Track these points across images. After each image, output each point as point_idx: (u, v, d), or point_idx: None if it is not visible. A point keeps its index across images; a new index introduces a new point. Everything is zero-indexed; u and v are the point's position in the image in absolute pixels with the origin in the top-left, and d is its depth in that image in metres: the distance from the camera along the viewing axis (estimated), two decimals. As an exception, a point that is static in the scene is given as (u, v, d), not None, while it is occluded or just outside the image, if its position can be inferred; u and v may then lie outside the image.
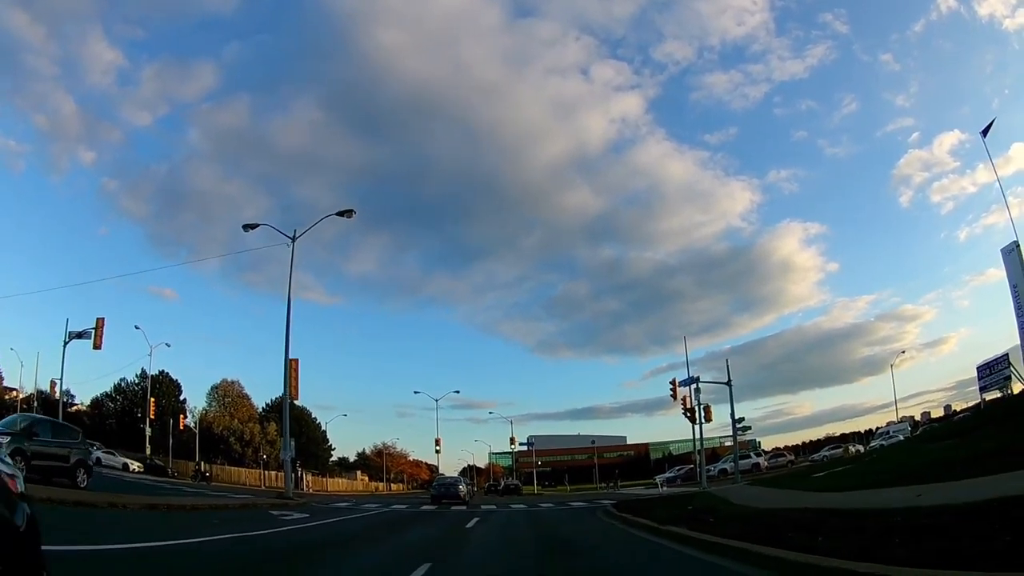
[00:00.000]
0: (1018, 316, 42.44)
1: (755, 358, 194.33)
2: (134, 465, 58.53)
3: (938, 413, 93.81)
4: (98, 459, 51.15)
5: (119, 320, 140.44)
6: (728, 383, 49.06)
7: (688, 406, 60.76)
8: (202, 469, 70.89)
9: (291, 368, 42.82)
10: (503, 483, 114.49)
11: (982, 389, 61.36)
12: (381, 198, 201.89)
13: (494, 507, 39.33)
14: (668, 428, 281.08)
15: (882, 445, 62.28)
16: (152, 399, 79.77)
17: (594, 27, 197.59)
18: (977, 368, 63.90)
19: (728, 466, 69.91)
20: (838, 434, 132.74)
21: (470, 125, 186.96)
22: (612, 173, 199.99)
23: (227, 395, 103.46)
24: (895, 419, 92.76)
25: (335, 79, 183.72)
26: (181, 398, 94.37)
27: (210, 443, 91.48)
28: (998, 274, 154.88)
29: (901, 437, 65.15)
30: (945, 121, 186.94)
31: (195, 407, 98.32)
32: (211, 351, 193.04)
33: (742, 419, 49.53)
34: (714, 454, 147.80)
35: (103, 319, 53.28)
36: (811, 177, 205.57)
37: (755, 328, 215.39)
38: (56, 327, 74.66)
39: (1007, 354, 53.16)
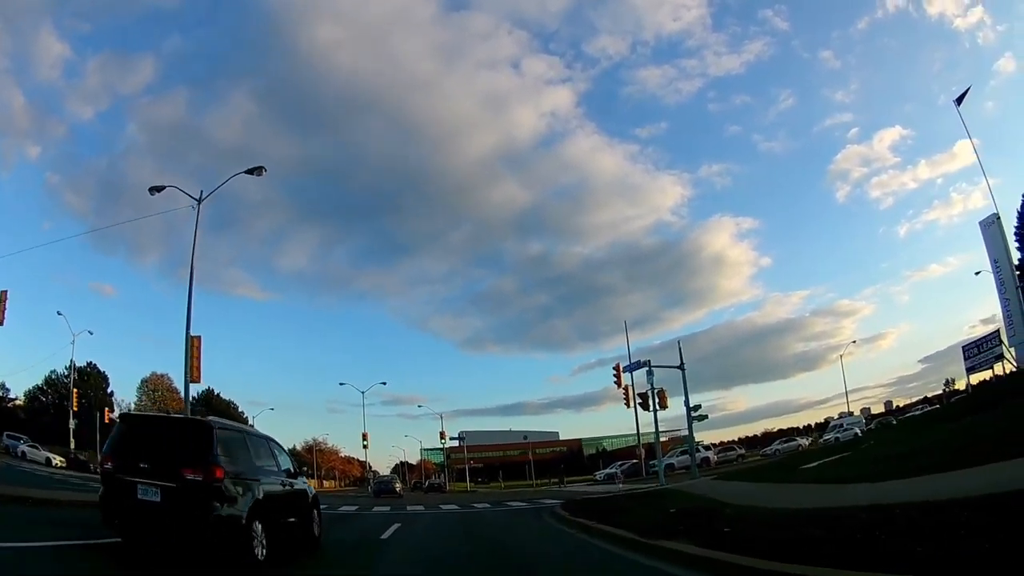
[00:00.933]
0: (1000, 291, 38.47)
1: (687, 353, 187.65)
2: (57, 460, 54.50)
3: (878, 409, 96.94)
4: (23, 453, 52.54)
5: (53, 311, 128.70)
6: (681, 367, 43.86)
7: (629, 395, 56.81)
8: None
9: (192, 346, 36.46)
10: (427, 482, 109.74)
11: (969, 370, 59.29)
12: (313, 192, 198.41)
13: (421, 508, 33.79)
14: (599, 424, 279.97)
15: (837, 439, 60.32)
16: (76, 390, 73.28)
17: (528, 21, 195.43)
18: (963, 348, 61.49)
19: (675, 460, 65.80)
20: (775, 429, 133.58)
21: (402, 119, 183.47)
22: (541, 167, 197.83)
23: (156, 389, 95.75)
24: (845, 412, 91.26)
25: (270, 73, 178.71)
26: (109, 391, 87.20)
27: None
28: (940, 270, 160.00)
29: (857, 430, 63.99)
30: (886, 118, 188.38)
31: (123, 400, 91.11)
32: (147, 347, 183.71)
33: (698, 407, 44.15)
34: (651, 450, 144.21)
35: (6, 292, 45.72)
36: (745, 172, 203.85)
37: (686, 323, 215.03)
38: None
39: (998, 331, 49.73)
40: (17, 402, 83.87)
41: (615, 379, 52.22)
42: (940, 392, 79.67)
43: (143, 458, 10.48)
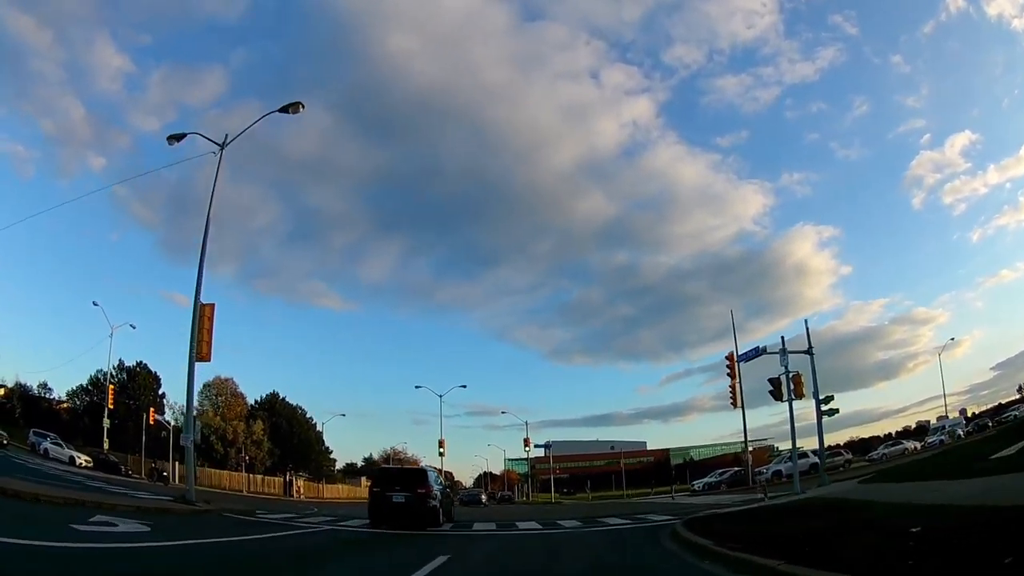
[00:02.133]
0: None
1: (769, 363, 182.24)
2: (82, 460, 50.66)
3: (953, 415, 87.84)
4: (46, 450, 50.45)
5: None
6: (809, 351, 34.27)
7: (736, 394, 51.22)
8: (158, 468, 58.45)
9: (203, 316, 28.98)
10: (499, 493, 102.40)
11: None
12: (392, 202, 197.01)
13: (492, 526, 25.17)
14: (686, 434, 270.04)
15: (942, 440, 57.80)
16: (112, 387, 67.48)
17: (603, 30, 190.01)
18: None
19: (783, 467, 56.08)
20: (857, 438, 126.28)
21: (481, 129, 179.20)
22: (624, 177, 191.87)
23: (220, 393, 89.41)
24: (943, 416, 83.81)
25: (344, 83, 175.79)
26: (160, 392, 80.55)
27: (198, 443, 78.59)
28: (1011, 275, 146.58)
29: (960, 431, 61.94)
30: (956, 122, 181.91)
31: (176, 403, 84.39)
32: (221, 356, 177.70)
33: (830, 398, 34.27)
34: (736, 460, 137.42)
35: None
36: (823, 180, 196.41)
37: (770, 332, 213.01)
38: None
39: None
40: (63, 404, 78.56)
41: (728, 370, 43.66)
42: (1016, 397, 76.11)
43: (395, 484, 23.97)
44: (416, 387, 77.01)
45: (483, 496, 72.84)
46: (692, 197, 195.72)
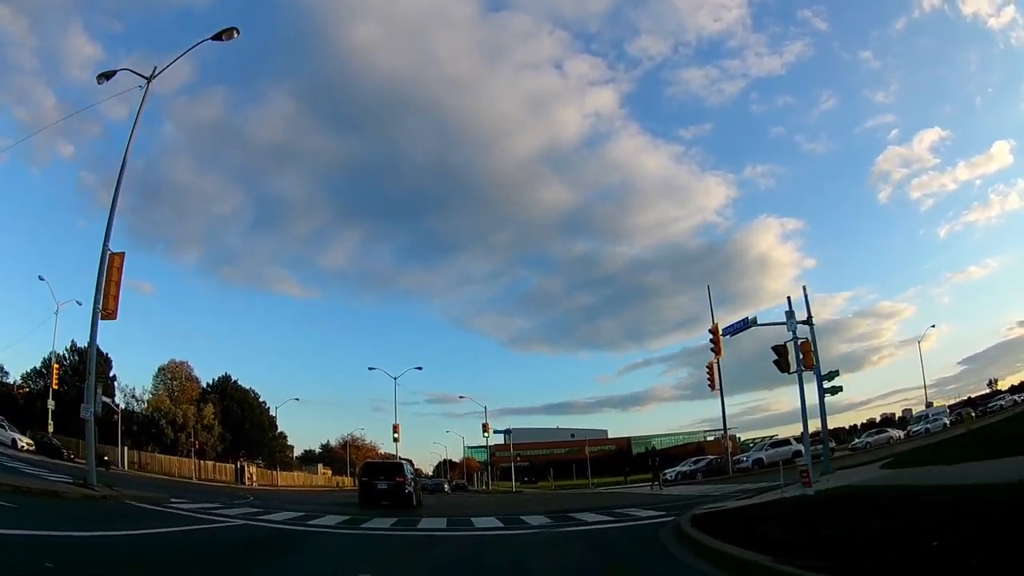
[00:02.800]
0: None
1: (731, 354, 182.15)
2: (23, 443, 48.27)
3: (917, 408, 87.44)
4: None
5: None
6: (809, 321, 29.93)
7: (714, 376, 49.31)
8: (99, 452, 52.35)
9: (110, 266, 24.15)
10: (453, 482, 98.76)
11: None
12: (355, 191, 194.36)
13: (442, 522, 20.56)
14: (645, 423, 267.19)
15: (927, 428, 56.45)
16: (57, 367, 62.56)
17: (568, 21, 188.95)
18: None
19: (764, 455, 52.21)
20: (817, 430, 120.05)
21: (443, 119, 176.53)
22: (586, 167, 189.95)
23: (174, 377, 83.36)
24: (928, 404, 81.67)
25: (309, 72, 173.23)
26: (111, 374, 73.85)
27: (143, 427, 73.74)
28: (980, 272, 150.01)
29: (945, 420, 60.64)
30: (926, 118, 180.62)
31: (128, 385, 79.33)
32: (172, 339, 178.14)
33: (834, 374, 29.78)
34: (700, 448, 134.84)
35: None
36: (789, 173, 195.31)
37: (731, 323, 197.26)
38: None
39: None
40: (22, 388, 73.03)
41: (712, 346, 39.32)
42: (987, 391, 77.39)
43: (379, 474, 30.35)
44: (369, 368, 71.31)
45: (446, 485, 74.91)
46: (654, 188, 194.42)
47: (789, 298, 29.26)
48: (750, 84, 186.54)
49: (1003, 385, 77.93)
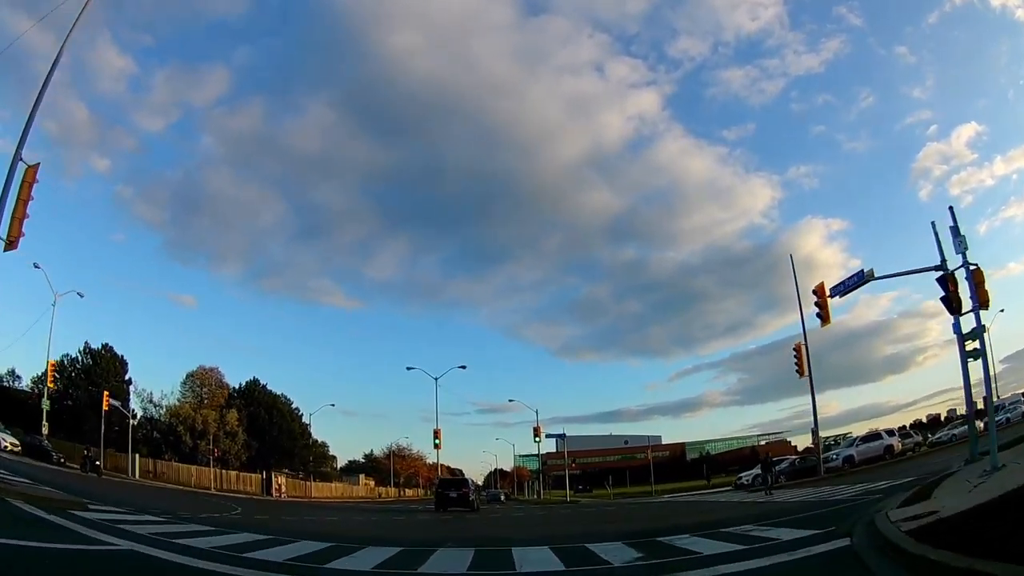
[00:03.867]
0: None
1: (780, 358, 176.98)
2: (7, 443, 42.80)
3: (961, 409, 77.55)
4: None
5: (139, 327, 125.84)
6: (942, 266, 20.37)
7: (802, 359, 42.55)
8: (91, 456, 46.72)
9: (23, 181, 19.22)
10: (486, 492, 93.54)
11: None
12: (398, 200, 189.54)
13: (462, 563, 11.74)
14: (696, 429, 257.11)
15: (1008, 419, 48.57)
16: (52, 362, 54.80)
17: (607, 24, 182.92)
18: None
19: (855, 451, 43.03)
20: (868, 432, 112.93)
21: (485, 124, 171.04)
22: (631, 171, 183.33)
23: (204, 384, 76.61)
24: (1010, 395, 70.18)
25: (347, 80, 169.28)
26: (126, 378, 67.75)
27: (164, 435, 67.50)
28: (1018, 268, 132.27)
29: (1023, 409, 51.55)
30: (962, 113, 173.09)
31: (145, 390, 72.93)
32: (223, 357, 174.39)
33: (978, 331, 19.61)
34: (753, 452, 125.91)
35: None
36: (831, 172, 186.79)
37: (779, 327, 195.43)
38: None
39: None
40: (33, 390, 65.33)
41: (819, 309, 30.07)
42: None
43: (450, 487, 39.71)
44: (408, 368, 62.80)
45: (503, 495, 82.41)
46: (700, 190, 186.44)
47: (952, 208, 19.95)
48: (790, 83, 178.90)
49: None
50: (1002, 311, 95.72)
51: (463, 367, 63.69)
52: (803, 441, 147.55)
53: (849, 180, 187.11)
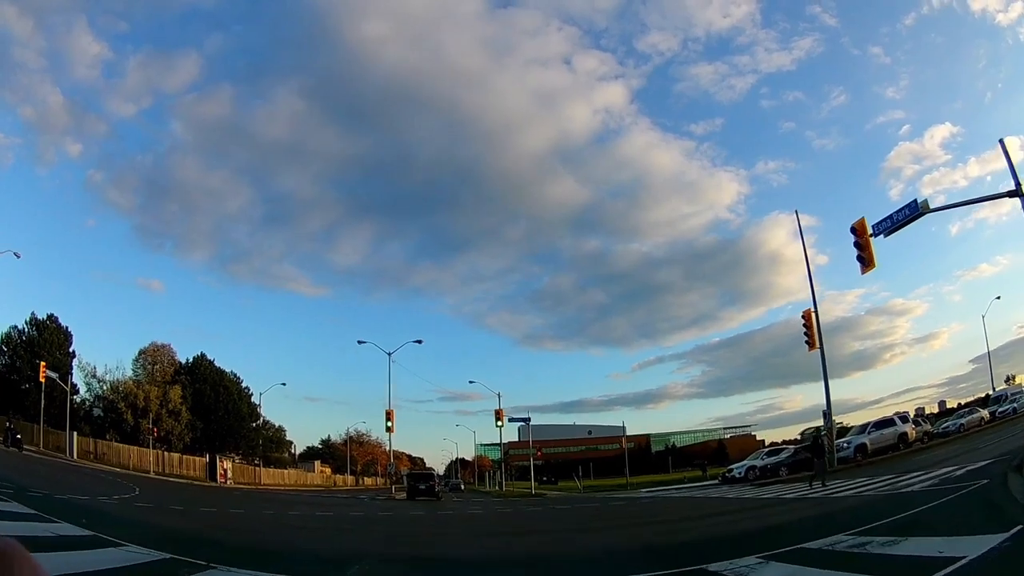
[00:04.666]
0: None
1: (744, 351, 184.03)
2: None
3: (932, 409, 79.99)
4: None
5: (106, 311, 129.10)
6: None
7: (813, 330, 37.01)
8: (13, 428, 41.94)
9: None
10: (448, 482, 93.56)
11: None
12: (365, 188, 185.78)
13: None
14: (659, 421, 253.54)
15: (1014, 408, 47.97)
16: None
17: (576, 17, 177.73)
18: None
19: (868, 440, 37.77)
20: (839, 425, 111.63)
21: (453, 115, 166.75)
22: (597, 164, 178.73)
23: (155, 361, 69.91)
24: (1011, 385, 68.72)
25: (317, 69, 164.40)
26: (70, 350, 61.25)
27: (106, 412, 61.75)
28: (990, 269, 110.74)
29: None
30: (936, 114, 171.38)
31: (90, 364, 65.15)
32: (190, 343, 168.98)
33: None
34: (720, 446, 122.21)
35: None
36: (800, 169, 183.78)
37: (744, 321, 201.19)
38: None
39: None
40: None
41: (858, 252, 24.86)
42: (1004, 387, 66.23)
43: (419, 480, 46.56)
44: (359, 342, 56.61)
45: (462, 484, 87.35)
46: (666, 184, 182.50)
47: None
48: (760, 80, 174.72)
49: (1021, 380, 67.35)
50: (998, 298, 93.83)
51: (419, 341, 58.05)
52: (771, 435, 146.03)
53: (818, 177, 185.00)
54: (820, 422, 59.05)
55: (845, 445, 38.22)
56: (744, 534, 13.20)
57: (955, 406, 74.75)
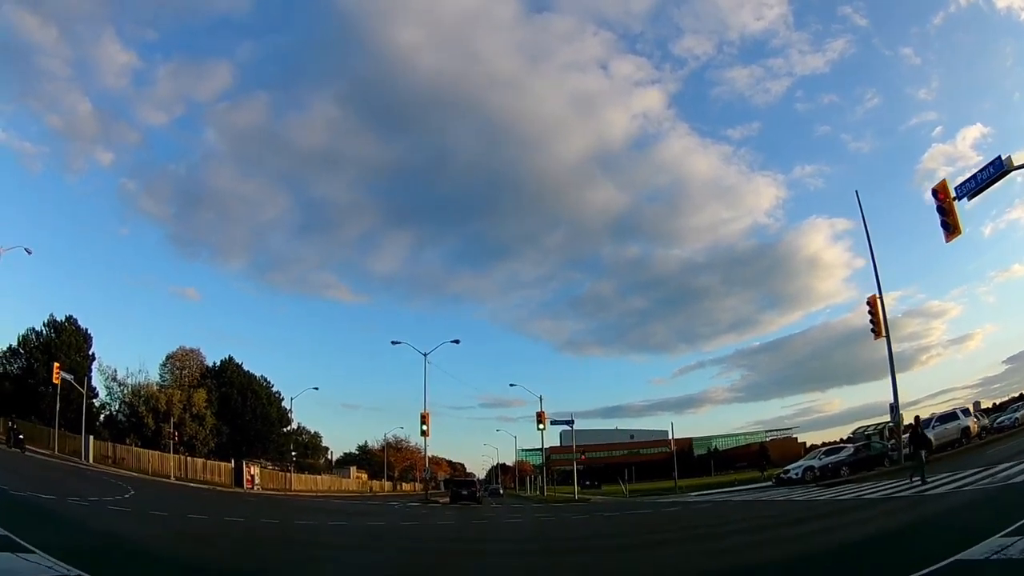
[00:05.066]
0: None
1: (783, 355, 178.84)
2: None
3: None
4: None
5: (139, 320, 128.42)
6: None
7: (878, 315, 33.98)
8: (15, 429, 40.70)
9: None
10: (488, 488, 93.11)
11: None
12: (402, 195, 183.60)
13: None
14: (700, 426, 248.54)
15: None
16: None
17: (611, 22, 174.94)
18: None
19: (932, 434, 32.80)
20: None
21: (489, 120, 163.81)
22: (635, 169, 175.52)
23: (183, 366, 67.34)
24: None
25: (352, 76, 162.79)
26: (90, 352, 58.93)
27: (128, 417, 59.60)
28: (1023, 270, 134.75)
29: None
30: (967, 115, 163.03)
31: (110, 366, 62.66)
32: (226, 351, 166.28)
33: None
34: (762, 448, 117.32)
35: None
36: (836, 172, 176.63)
37: (783, 325, 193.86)
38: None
39: None
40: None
41: (942, 217, 21.17)
42: None
43: (461, 485, 51.07)
44: (393, 343, 53.30)
45: (501, 489, 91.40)
46: (704, 189, 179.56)
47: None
48: (795, 83, 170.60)
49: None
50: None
51: (456, 341, 55.22)
52: (810, 438, 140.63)
53: (854, 180, 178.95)
54: (865, 422, 54.92)
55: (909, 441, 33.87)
56: (856, 546, 9.77)
57: (990, 406, 70.54)
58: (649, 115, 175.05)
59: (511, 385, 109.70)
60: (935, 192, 21.62)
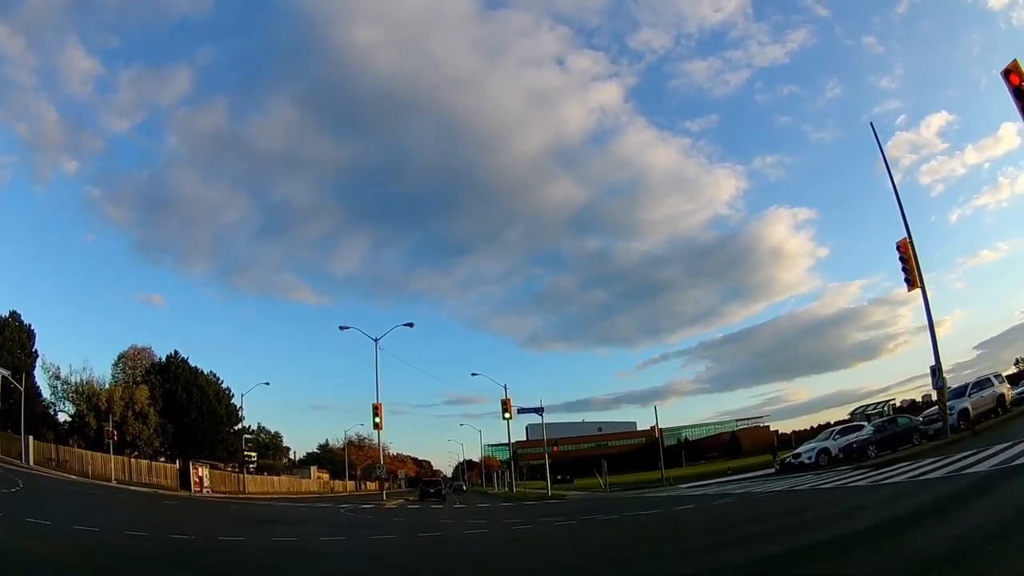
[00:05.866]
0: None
1: (749, 346, 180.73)
2: None
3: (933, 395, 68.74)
4: None
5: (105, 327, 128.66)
6: None
7: (913, 267, 27.08)
8: None
9: None
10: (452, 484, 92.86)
11: None
12: (362, 195, 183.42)
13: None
14: (667, 417, 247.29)
15: None
16: None
17: (568, 17, 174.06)
18: None
19: (969, 403, 29.54)
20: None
21: (447, 118, 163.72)
22: (594, 163, 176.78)
23: (135, 365, 62.60)
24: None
25: (310, 77, 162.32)
26: (33, 350, 54.53)
27: (72, 417, 55.04)
28: (991, 255, 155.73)
29: None
30: (932, 103, 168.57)
31: (54, 364, 56.85)
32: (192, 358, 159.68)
33: None
34: (733, 438, 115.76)
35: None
36: (797, 162, 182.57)
37: (747, 316, 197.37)
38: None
39: None
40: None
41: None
42: (1015, 371, 65.12)
43: (430, 485, 57.43)
44: (341, 328, 48.32)
45: (464, 486, 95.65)
46: (664, 182, 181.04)
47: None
48: (754, 74, 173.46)
49: (1042, 362, 65.61)
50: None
51: (410, 324, 51.74)
52: (780, 427, 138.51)
53: (816, 170, 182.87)
54: (821, 414, 51.99)
55: (951, 410, 29.54)
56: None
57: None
58: (607, 109, 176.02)
59: (473, 375, 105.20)
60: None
